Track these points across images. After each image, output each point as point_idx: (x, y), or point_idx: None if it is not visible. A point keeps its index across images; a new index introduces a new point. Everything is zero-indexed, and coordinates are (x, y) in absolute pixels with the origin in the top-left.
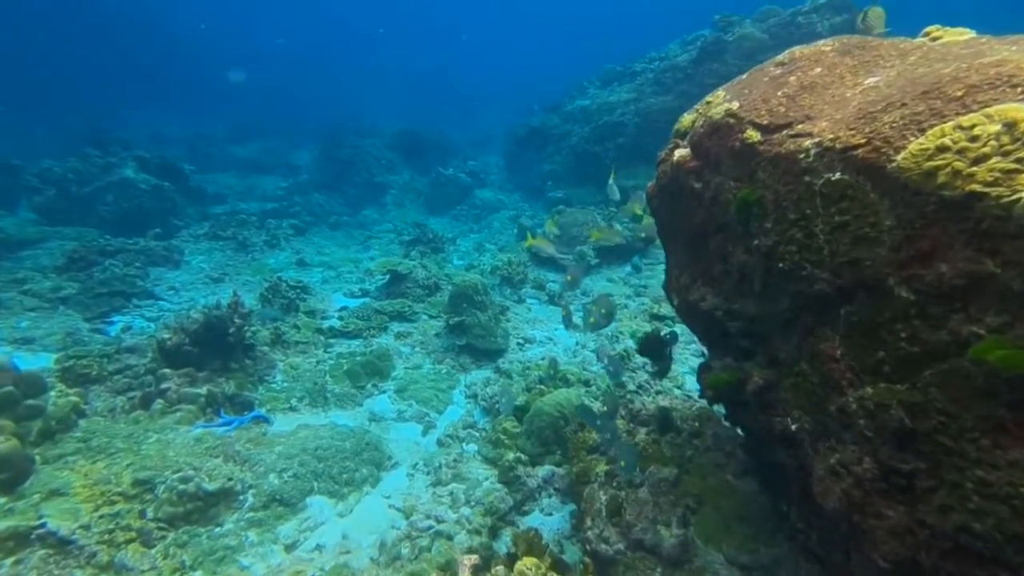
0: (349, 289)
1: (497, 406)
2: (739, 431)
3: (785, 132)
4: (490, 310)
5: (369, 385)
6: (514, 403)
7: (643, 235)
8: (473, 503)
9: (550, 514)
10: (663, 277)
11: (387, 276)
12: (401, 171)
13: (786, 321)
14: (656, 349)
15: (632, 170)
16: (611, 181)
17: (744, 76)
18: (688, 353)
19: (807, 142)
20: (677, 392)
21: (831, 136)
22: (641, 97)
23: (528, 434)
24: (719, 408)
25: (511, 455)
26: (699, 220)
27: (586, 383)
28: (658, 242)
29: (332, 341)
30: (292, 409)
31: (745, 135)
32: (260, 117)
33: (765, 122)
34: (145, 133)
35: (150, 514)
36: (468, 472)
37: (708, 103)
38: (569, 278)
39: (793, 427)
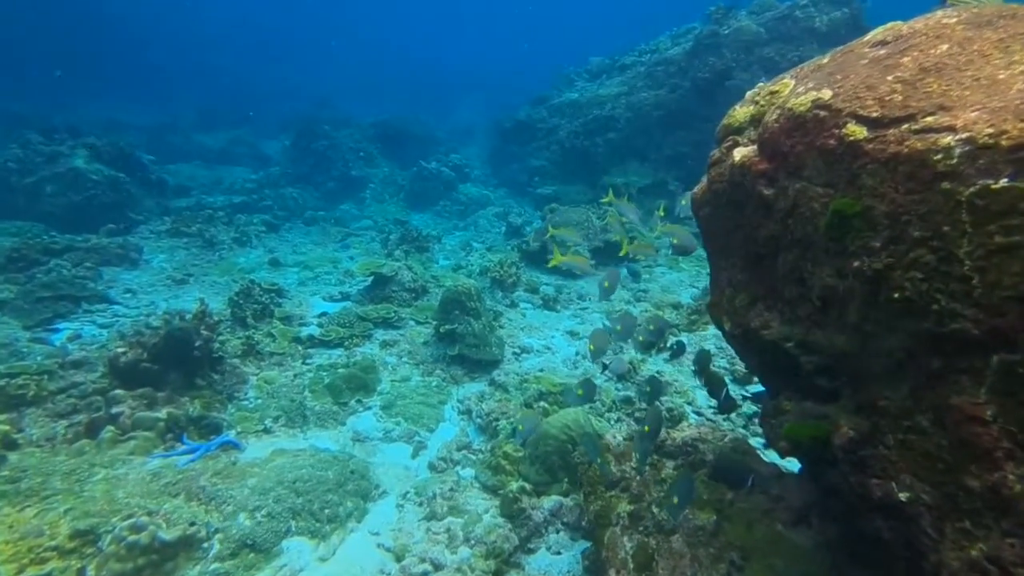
0: (328, 292)
1: (515, 436)
2: (811, 483)
3: (906, 126)
4: (484, 317)
5: (353, 401)
6: (539, 431)
7: (674, 242)
8: (473, 542)
9: (559, 553)
10: (666, 282)
11: (370, 278)
12: (380, 164)
13: (895, 363)
14: (717, 388)
15: (624, 166)
16: (684, 202)
17: (822, 59)
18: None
19: (947, 139)
20: (688, 410)
21: (989, 131)
22: (632, 91)
23: (532, 460)
24: (757, 440)
25: (514, 484)
26: (767, 233)
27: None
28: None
29: (311, 351)
30: (266, 431)
31: (845, 131)
32: (228, 105)
33: (874, 114)
34: (99, 120)
35: (91, 574)
36: (466, 503)
37: (774, 92)
38: (606, 284)
39: (902, 496)
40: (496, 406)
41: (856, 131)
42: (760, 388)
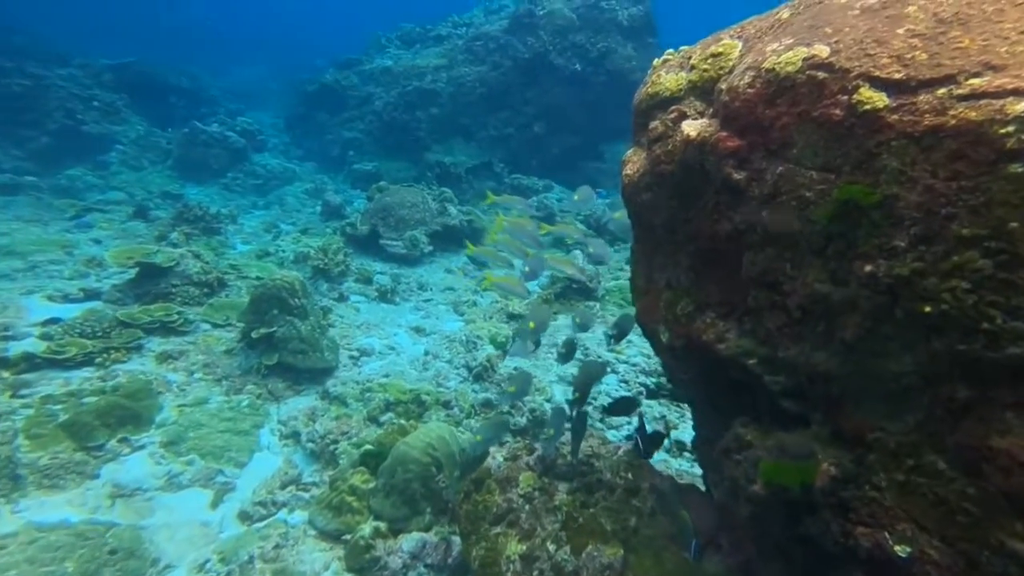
0: (58, 289)
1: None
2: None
3: (944, 91)
4: (312, 317)
5: (113, 442)
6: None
7: (590, 251)
8: None
9: None
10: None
11: (134, 269)
12: (131, 120)
13: (900, 390)
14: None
15: (448, 144)
16: (617, 215)
17: (778, 13)
18: (552, 359)
19: (1018, 106)
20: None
21: None
22: (453, 65)
23: (388, 491)
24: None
25: (366, 526)
26: (730, 227)
27: (446, 404)
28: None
29: (28, 377)
30: None
31: (856, 98)
32: None
33: (897, 76)
34: None
35: None
36: (299, 562)
37: (718, 55)
38: (527, 269)
39: (899, 550)
40: (334, 425)
41: (872, 97)
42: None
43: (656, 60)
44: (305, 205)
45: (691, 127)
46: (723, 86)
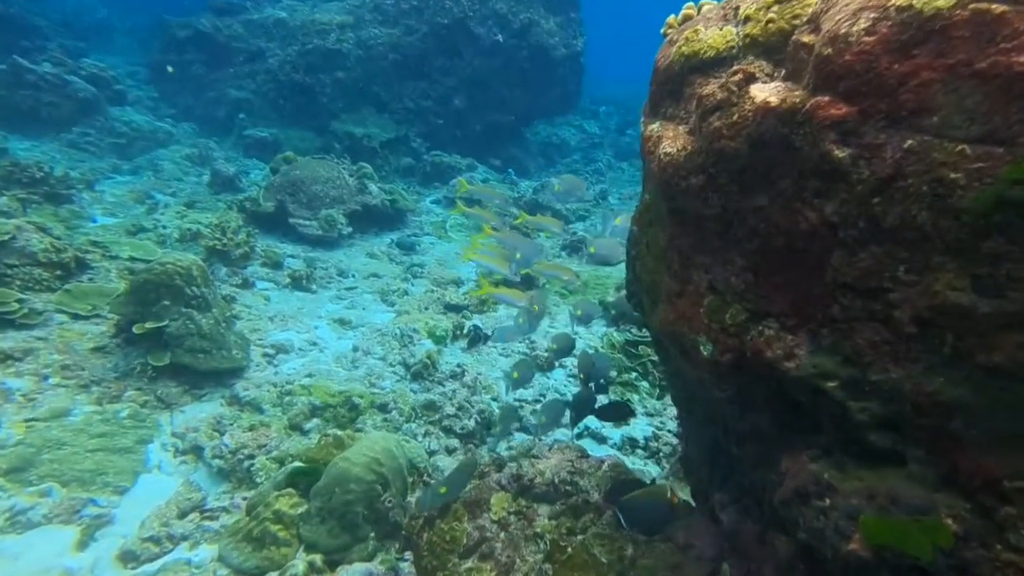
0: None
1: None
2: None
3: None
4: (216, 309)
5: None
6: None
7: (591, 251)
8: None
9: None
10: (439, 254)
11: None
12: None
13: None
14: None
15: (358, 114)
16: (618, 221)
17: None
18: (496, 353)
19: None
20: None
21: None
22: (360, 24)
23: (324, 516)
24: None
25: (298, 561)
26: (816, 219)
27: (383, 407)
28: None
29: None
30: None
31: None
32: None
33: None
34: None
35: None
36: None
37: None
38: (519, 256)
39: None
40: (248, 436)
41: None
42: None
43: (671, 17)
44: (188, 173)
45: (768, 92)
46: (807, 39)
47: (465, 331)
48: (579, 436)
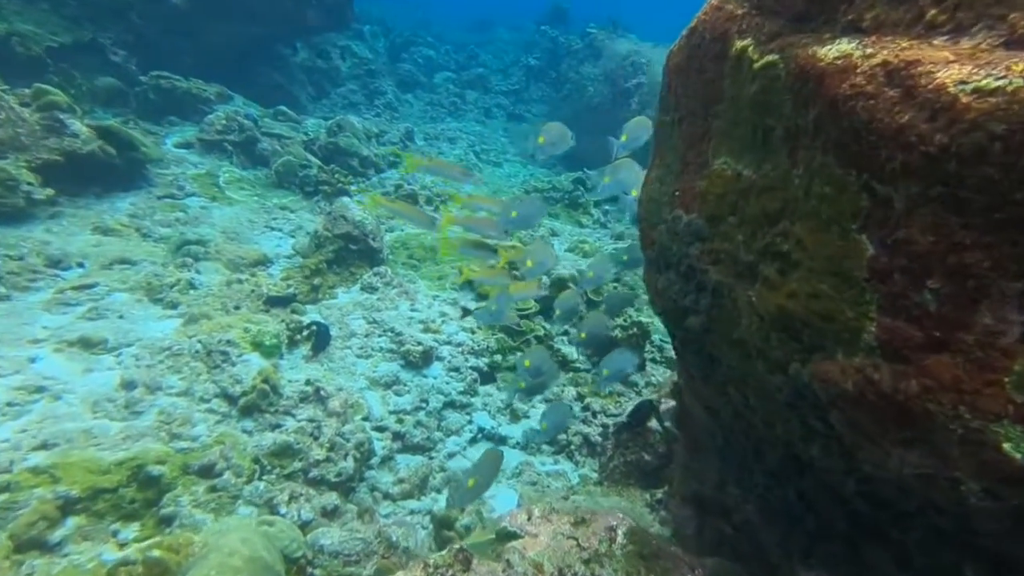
0: None
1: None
2: None
3: None
4: None
5: None
6: None
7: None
8: None
9: None
10: (222, 221)
11: None
12: None
13: None
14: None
15: None
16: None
17: None
18: (352, 355)
19: None
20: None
21: None
22: None
23: None
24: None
25: None
26: None
27: (205, 470)
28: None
29: None
30: None
31: None
32: None
33: None
34: None
35: None
36: None
37: None
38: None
39: None
40: None
41: None
42: None
43: None
44: None
45: None
46: None
47: (304, 332)
48: (472, 440)
